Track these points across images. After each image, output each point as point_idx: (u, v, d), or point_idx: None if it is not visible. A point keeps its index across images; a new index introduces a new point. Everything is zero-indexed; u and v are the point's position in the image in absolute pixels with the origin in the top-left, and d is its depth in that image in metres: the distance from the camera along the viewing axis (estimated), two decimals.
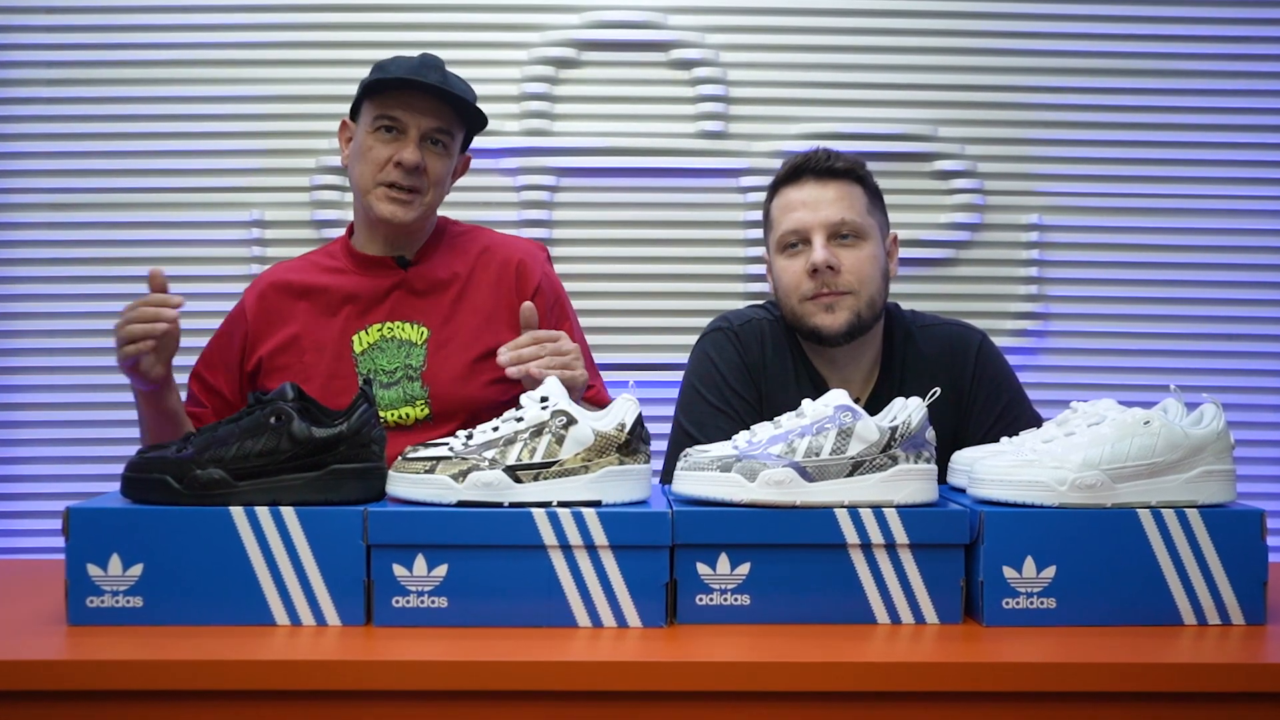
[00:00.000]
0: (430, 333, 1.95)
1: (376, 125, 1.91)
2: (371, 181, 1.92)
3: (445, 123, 1.93)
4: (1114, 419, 1.38)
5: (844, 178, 1.85)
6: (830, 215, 1.82)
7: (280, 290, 1.98)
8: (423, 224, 1.99)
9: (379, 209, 1.92)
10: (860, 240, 1.83)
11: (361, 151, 1.94)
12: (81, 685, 1.19)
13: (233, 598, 1.30)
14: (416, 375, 1.92)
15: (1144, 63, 2.74)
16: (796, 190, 1.85)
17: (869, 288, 1.82)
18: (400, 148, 1.90)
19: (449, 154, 1.96)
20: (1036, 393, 2.10)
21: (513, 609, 1.31)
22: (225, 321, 2.03)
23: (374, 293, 1.96)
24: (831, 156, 1.86)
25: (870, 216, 1.86)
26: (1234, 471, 1.39)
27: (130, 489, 1.33)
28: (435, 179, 1.94)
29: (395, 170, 1.90)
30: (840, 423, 1.36)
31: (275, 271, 2.05)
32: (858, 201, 1.84)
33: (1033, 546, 1.33)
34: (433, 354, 1.93)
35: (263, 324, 1.97)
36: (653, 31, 2.72)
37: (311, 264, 2.03)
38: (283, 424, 1.33)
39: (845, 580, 1.34)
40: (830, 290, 1.80)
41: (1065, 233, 2.75)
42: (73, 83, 2.69)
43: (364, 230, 2.01)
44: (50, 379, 2.69)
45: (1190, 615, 1.35)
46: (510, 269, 2.00)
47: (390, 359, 1.93)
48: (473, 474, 1.32)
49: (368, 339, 1.94)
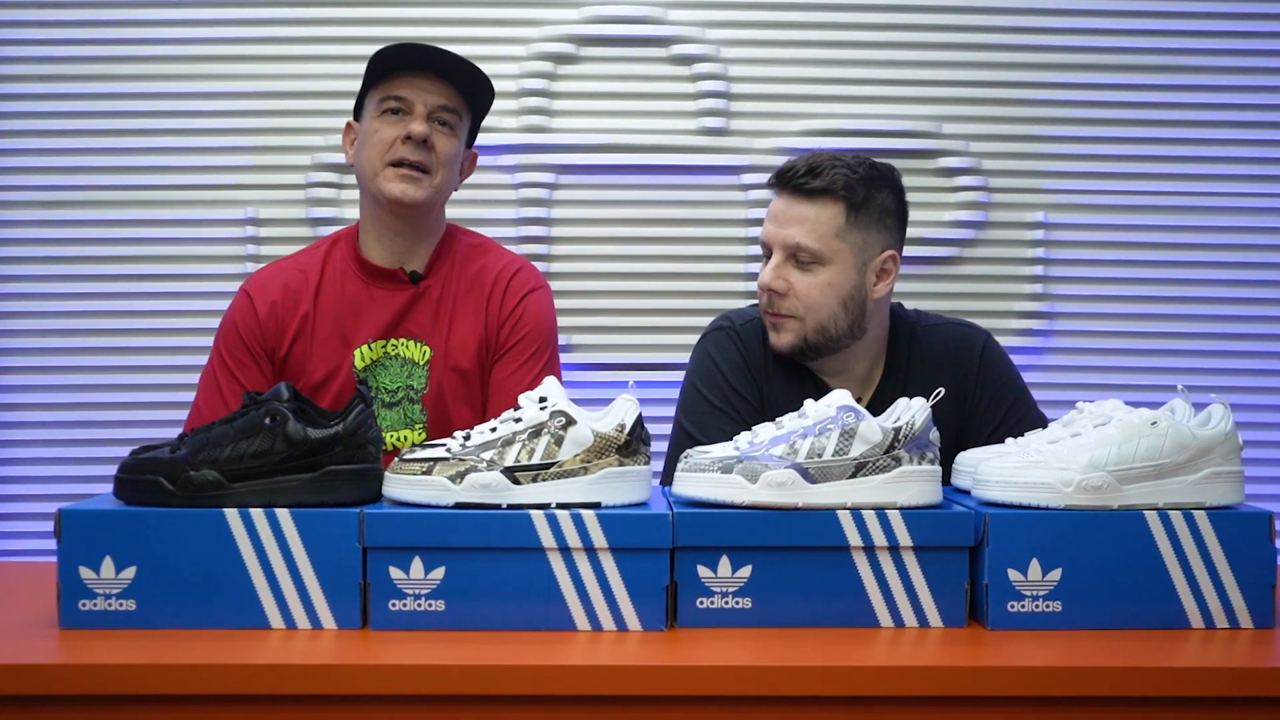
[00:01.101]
0: (432, 353, 1.92)
1: (382, 109, 1.89)
2: (380, 163, 1.88)
3: (451, 101, 1.91)
4: (1120, 420, 1.38)
5: (819, 197, 1.78)
6: (790, 236, 1.79)
7: (289, 294, 1.93)
8: (430, 210, 1.93)
9: (388, 189, 1.87)
10: (817, 265, 1.78)
11: (367, 137, 1.91)
12: (74, 690, 1.18)
13: (227, 601, 1.30)
14: (417, 398, 1.90)
15: (1152, 58, 2.74)
16: (776, 198, 1.84)
17: (818, 314, 1.79)
18: (407, 124, 1.87)
19: (456, 136, 1.93)
20: (1042, 393, 2.10)
21: (511, 612, 1.31)
22: (230, 333, 1.94)
23: (382, 309, 1.91)
24: (811, 171, 1.78)
25: (841, 239, 1.78)
26: (1242, 473, 1.39)
27: (123, 490, 1.33)
28: (444, 159, 1.90)
29: (403, 146, 1.87)
30: (843, 423, 1.36)
31: (278, 275, 1.97)
32: (826, 225, 1.78)
33: (1038, 549, 1.33)
34: (434, 376, 1.91)
35: (274, 327, 1.91)
36: (653, 26, 2.72)
37: (308, 267, 1.96)
38: (278, 424, 1.32)
39: (848, 583, 1.34)
40: (773, 311, 1.81)
41: (1071, 231, 2.75)
42: (65, 79, 2.69)
43: (371, 231, 1.94)
44: (42, 379, 2.69)
45: (1198, 619, 1.34)
46: (501, 286, 1.95)
47: (393, 377, 1.90)
48: (470, 475, 1.32)
49: (370, 354, 1.91)
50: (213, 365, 1.94)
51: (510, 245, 2.68)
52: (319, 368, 1.91)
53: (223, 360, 1.93)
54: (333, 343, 1.91)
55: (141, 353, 2.69)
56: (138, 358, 2.69)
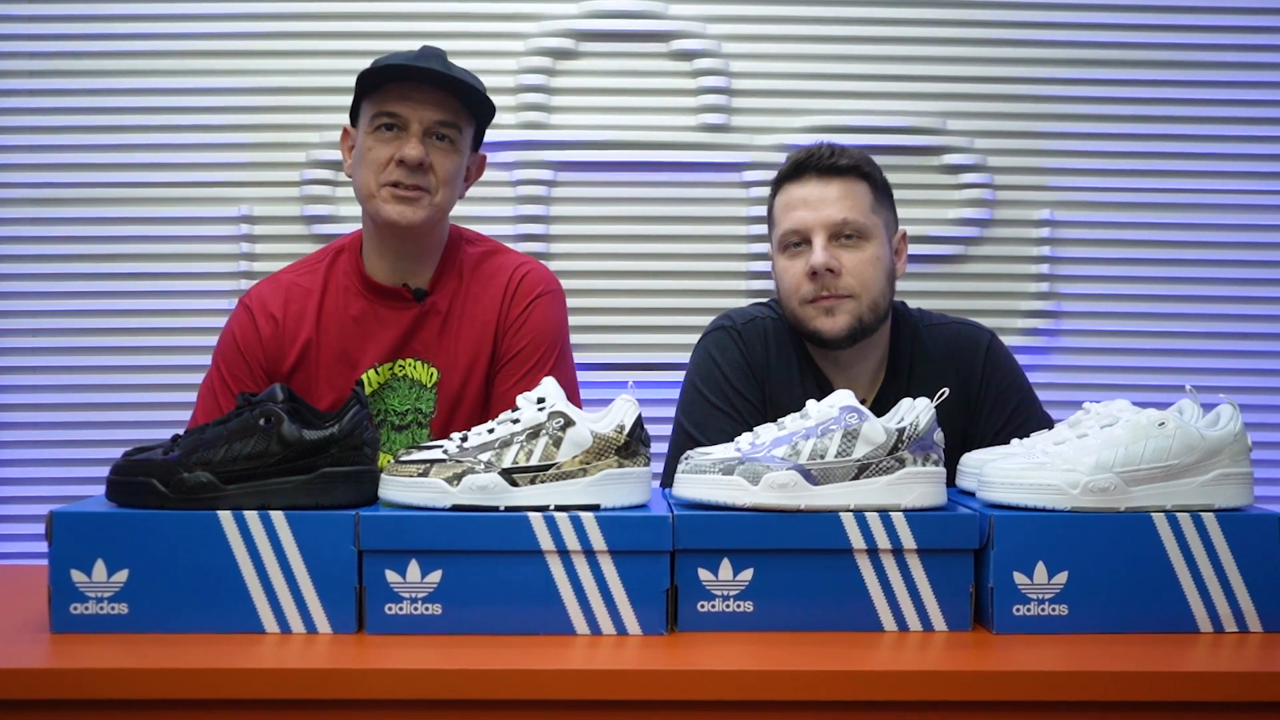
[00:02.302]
0: (440, 375, 1.88)
1: (375, 124, 1.81)
2: (375, 184, 1.81)
3: (449, 115, 1.82)
4: (1128, 420, 1.38)
5: (848, 175, 1.83)
6: (832, 215, 1.81)
7: (291, 313, 1.89)
8: (432, 229, 1.87)
9: (385, 211, 1.80)
10: (863, 241, 1.82)
11: (363, 154, 1.83)
12: (65, 694, 1.18)
13: (220, 604, 1.30)
14: (426, 422, 1.87)
15: (1160, 53, 2.74)
16: (799, 187, 1.84)
17: (871, 291, 1.81)
18: (402, 144, 1.79)
19: (457, 150, 1.84)
20: (1048, 393, 2.10)
21: (509, 616, 1.31)
22: (230, 348, 1.91)
23: (387, 329, 1.88)
24: (835, 152, 1.84)
25: (875, 215, 1.84)
26: (1251, 474, 1.39)
27: (115, 492, 1.33)
28: (444, 177, 1.82)
29: (398, 169, 1.79)
30: (846, 424, 1.36)
31: (279, 291, 1.92)
32: (862, 200, 1.83)
33: (1044, 551, 1.33)
34: (442, 400, 1.87)
35: (275, 346, 1.88)
36: (653, 21, 2.72)
37: (311, 286, 1.91)
38: (272, 426, 1.32)
39: (851, 586, 1.34)
40: (830, 293, 1.80)
41: (1078, 229, 2.75)
42: (56, 74, 2.69)
43: (373, 247, 1.89)
44: (34, 379, 2.69)
45: (1206, 622, 1.34)
46: (509, 295, 1.90)
47: (401, 400, 1.87)
48: (467, 477, 1.32)
49: (377, 378, 1.87)
50: (211, 380, 1.91)
51: (509, 243, 2.68)
52: (326, 393, 1.86)
53: (221, 376, 1.89)
54: (338, 366, 1.87)
55: (134, 352, 2.69)
56: (130, 357, 2.69)
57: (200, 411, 1.90)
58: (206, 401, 1.90)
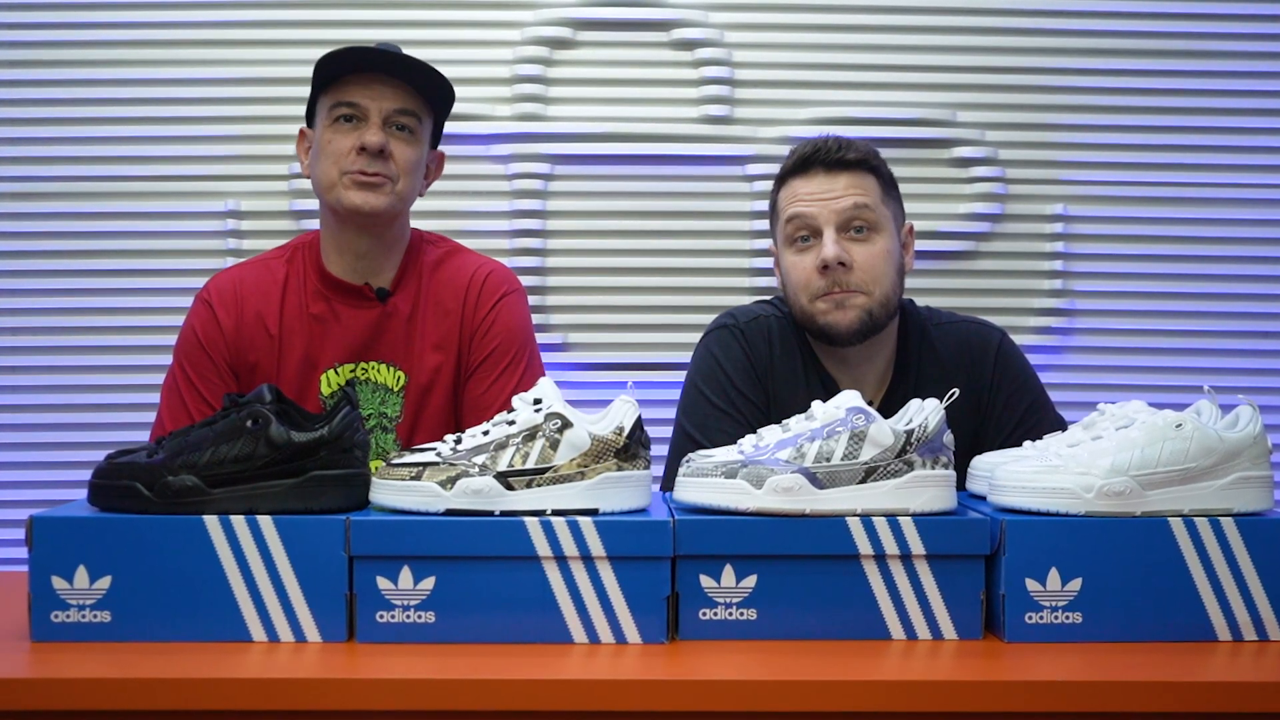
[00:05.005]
0: (407, 379, 1.90)
1: (335, 116, 1.85)
2: (336, 174, 1.85)
3: (408, 104, 1.87)
4: (1144, 422, 1.38)
5: (856, 169, 1.84)
6: (842, 205, 1.81)
7: (251, 308, 1.90)
8: (393, 221, 1.90)
9: (348, 199, 1.84)
10: (873, 233, 1.83)
11: (321, 147, 1.87)
12: (46, 705, 1.18)
13: (206, 612, 1.29)
14: (391, 427, 1.89)
15: (1174, 43, 2.74)
16: (805, 182, 1.84)
17: (882, 285, 1.82)
18: (362, 134, 1.84)
19: (417, 140, 1.89)
20: (1061, 394, 2.11)
21: (504, 624, 1.31)
22: (192, 345, 1.91)
23: (348, 329, 1.89)
24: (843, 146, 1.85)
25: (884, 207, 1.85)
26: (1271, 478, 1.39)
27: (98, 496, 1.33)
28: (405, 166, 1.87)
29: (359, 158, 1.83)
30: (852, 426, 1.36)
31: (237, 285, 1.93)
32: (871, 192, 1.84)
33: (1057, 557, 1.33)
34: (410, 404, 1.90)
35: (236, 340, 1.89)
36: (653, 9, 2.72)
37: (268, 283, 1.92)
38: (260, 427, 1.32)
39: (858, 593, 1.34)
40: (841, 288, 1.80)
41: (1092, 224, 2.76)
42: (38, 64, 2.69)
43: (333, 244, 1.91)
44: (13, 379, 2.69)
45: (1225, 630, 1.35)
46: (472, 297, 1.92)
47: (364, 404, 1.88)
48: (461, 481, 1.32)
49: (337, 380, 1.89)
50: (174, 378, 1.91)
51: (504, 239, 2.70)
52: (287, 393, 1.86)
53: (185, 373, 1.90)
54: (299, 366, 1.89)
55: (118, 351, 2.69)
56: (114, 356, 2.69)
57: (165, 412, 1.91)
58: (171, 402, 1.90)
